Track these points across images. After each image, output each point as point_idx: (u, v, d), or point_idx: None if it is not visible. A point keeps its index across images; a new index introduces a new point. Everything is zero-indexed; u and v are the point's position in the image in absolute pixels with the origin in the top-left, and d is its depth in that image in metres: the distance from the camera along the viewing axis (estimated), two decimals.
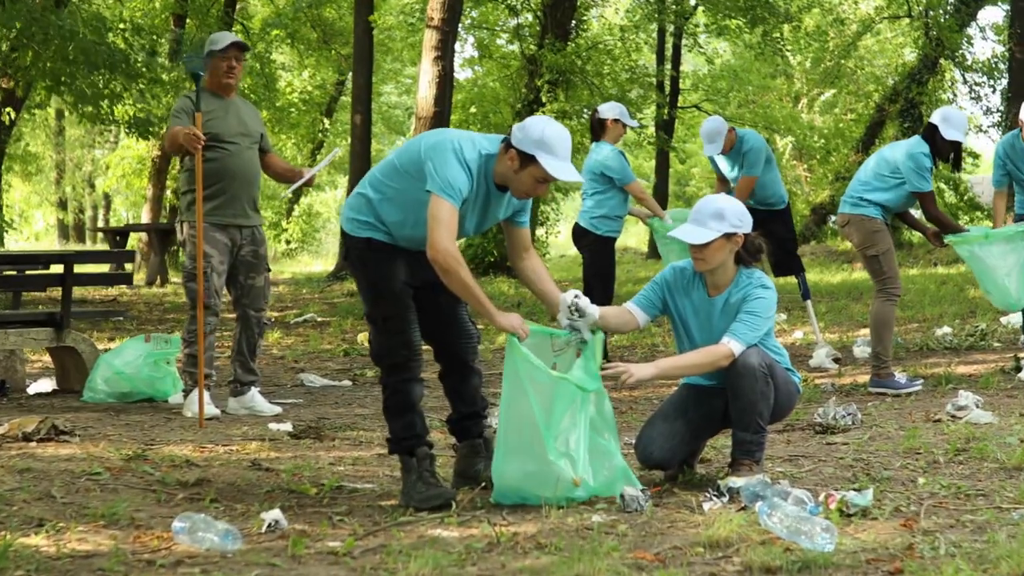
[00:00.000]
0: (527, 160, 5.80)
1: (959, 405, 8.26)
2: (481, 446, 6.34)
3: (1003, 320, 13.26)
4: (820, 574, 4.70)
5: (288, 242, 38.85)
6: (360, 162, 22.83)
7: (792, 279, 11.91)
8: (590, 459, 5.95)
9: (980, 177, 36.99)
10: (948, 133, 9.39)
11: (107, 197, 49.72)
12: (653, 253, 29.81)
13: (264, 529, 5.46)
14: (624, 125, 11.36)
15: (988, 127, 30.39)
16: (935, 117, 9.57)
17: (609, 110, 11.38)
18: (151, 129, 20.28)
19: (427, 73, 20.21)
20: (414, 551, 4.96)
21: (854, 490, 5.83)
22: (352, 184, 22.50)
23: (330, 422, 8.55)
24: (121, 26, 20.51)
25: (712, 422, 6.46)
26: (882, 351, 9.44)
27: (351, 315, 16.49)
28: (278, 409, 8.98)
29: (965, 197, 29.89)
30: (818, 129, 33.97)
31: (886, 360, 9.45)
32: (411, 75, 36.33)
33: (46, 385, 10.39)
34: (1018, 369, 10.18)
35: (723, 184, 11.76)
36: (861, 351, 11.75)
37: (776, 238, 10.85)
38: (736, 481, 5.98)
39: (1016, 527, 5.20)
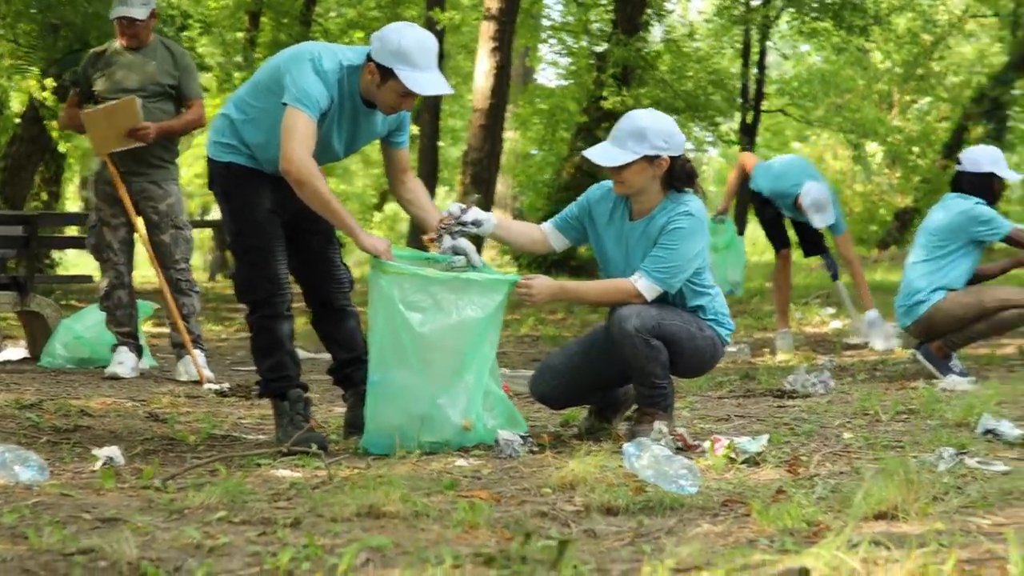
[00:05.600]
0: (387, 74, 5.28)
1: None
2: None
3: None
4: (663, 514, 4.13)
5: None
6: (428, 163, 22.29)
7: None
8: (482, 401, 5.44)
9: None
10: (1008, 174, 8.23)
11: None
12: None
13: (99, 467, 5.00)
14: None
15: None
16: (984, 163, 8.21)
17: None
18: None
19: (483, 64, 19.83)
20: (221, 484, 4.45)
21: (748, 437, 5.23)
22: None
23: None
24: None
25: (618, 368, 5.68)
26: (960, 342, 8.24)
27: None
28: (208, 374, 8.41)
29: None
30: (906, 134, 32.98)
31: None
32: None
33: (17, 352, 10.00)
34: None
35: None
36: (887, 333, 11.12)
37: (802, 222, 10.47)
38: (639, 431, 5.43)
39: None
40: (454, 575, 3.26)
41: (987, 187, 8.19)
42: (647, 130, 5.43)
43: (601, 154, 5.50)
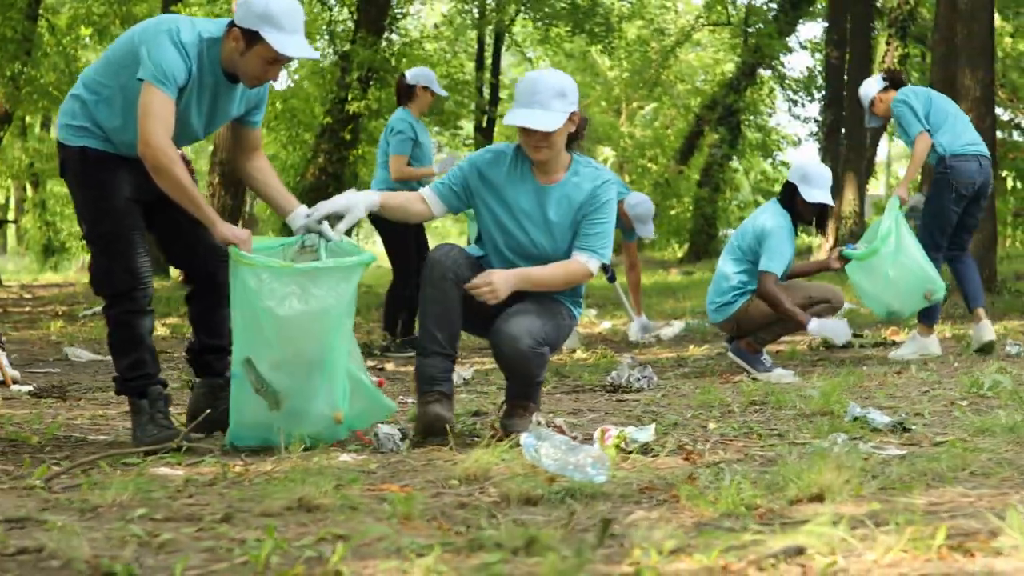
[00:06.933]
0: (252, 38, 5.08)
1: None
2: (221, 387, 5.57)
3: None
4: (585, 503, 4.09)
5: None
6: None
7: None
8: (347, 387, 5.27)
9: None
10: (811, 195, 8.23)
11: None
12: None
13: None
14: (433, 93, 10.55)
15: (807, 137, 30.48)
16: (793, 175, 8.42)
17: (417, 75, 10.50)
18: None
19: None
20: (127, 481, 4.25)
21: (634, 427, 5.24)
22: None
23: (81, 385, 7.78)
24: None
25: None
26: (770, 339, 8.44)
27: None
28: (14, 374, 8.05)
29: None
30: (637, 140, 33.78)
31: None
32: None
33: None
34: (825, 344, 9.84)
35: None
36: (665, 334, 11.45)
37: None
38: (516, 424, 5.39)
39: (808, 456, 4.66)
40: (439, 565, 3.16)
41: (791, 200, 8.34)
42: (566, 87, 5.34)
43: (535, 119, 5.26)
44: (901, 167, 53.24)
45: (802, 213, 8.31)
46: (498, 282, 5.28)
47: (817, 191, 8.24)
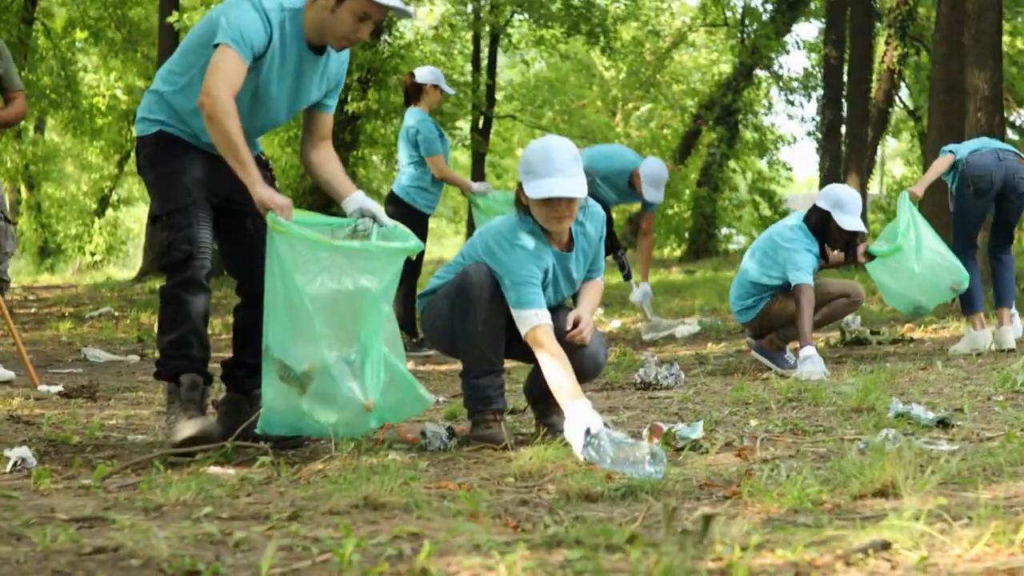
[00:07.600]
0: None
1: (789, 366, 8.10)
2: (244, 402, 5.45)
3: None
4: (647, 500, 4.08)
5: (93, 254, 37.36)
6: None
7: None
8: (382, 375, 4.96)
9: (794, 195, 37.27)
10: (846, 222, 8.17)
11: None
12: None
13: (9, 468, 4.71)
14: (442, 91, 10.60)
15: (803, 136, 30.49)
16: (824, 202, 8.30)
17: (427, 74, 10.58)
18: None
19: None
20: (178, 482, 4.24)
21: (683, 424, 5.24)
22: None
23: (107, 385, 7.76)
24: None
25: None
26: (792, 336, 8.45)
27: (149, 308, 15.65)
28: (10, 375, 8.06)
29: (780, 211, 30.03)
30: (632, 140, 33.78)
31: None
32: None
33: None
34: (843, 341, 9.88)
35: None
36: (680, 332, 11.47)
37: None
38: (560, 422, 5.36)
39: (864, 451, 4.67)
40: (525, 562, 3.16)
41: (822, 226, 8.30)
42: (576, 151, 5.30)
43: (571, 187, 5.15)
44: (896, 167, 53.37)
45: (834, 239, 8.29)
46: (589, 321, 5.42)
47: (850, 218, 8.20)
